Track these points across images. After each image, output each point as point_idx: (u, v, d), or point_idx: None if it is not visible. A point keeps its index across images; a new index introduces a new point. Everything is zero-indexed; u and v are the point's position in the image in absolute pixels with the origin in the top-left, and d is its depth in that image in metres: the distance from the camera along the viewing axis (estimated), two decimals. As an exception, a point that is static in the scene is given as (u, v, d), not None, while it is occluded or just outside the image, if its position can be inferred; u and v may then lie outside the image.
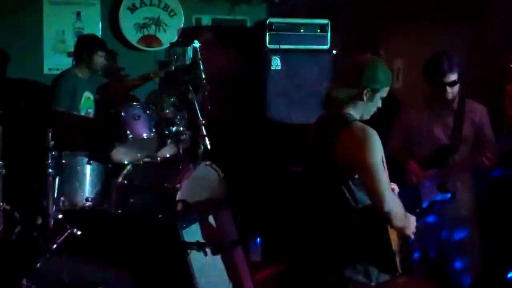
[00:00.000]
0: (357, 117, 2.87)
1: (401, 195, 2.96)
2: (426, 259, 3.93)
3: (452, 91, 3.74)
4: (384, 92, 2.90)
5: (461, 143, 3.81)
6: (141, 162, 4.51)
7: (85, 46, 5.04)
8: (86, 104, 5.03)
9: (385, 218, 2.75)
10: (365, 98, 2.85)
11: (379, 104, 2.92)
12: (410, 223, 2.89)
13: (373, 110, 2.92)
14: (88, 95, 5.06)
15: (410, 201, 3.70)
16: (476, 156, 3.77)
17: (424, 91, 3.95)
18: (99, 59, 5.04)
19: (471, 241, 3.90)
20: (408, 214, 2.90)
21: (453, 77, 3.71)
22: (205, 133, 4.48)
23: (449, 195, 3.76)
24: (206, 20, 6.40)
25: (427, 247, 3.90)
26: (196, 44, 4.79)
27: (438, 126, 3.86)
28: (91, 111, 5.08)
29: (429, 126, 3.87)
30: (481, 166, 3.76)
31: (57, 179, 3.90)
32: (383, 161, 2.77)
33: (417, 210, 3.61)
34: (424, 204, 3.75)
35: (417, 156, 3.88)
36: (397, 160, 3.82)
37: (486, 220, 4.05)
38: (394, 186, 3.04)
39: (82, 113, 4.94)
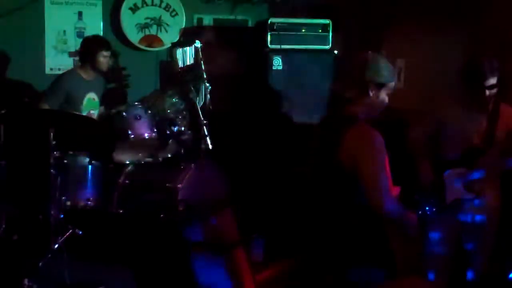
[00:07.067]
0: (364, 116, 2.87)
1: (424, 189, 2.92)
2: (443, 259, 3.90)
3: (490, 95, 3.72)
4: (389, 88, 2.90)
5: (493, 145, 3.78)
6: (143, 162, 4.51)
7: (90, 46, 5.03)
8: (89, 105, 5.01)
9: (385, 219, 2.76)
10: (371, 94, 2.85)
11: (386, 101, 2.92)
12: (410, 223, 2.89)
13: (380, 107, 2.92)
14: (92, 96, 5.04)
15: (432, 196, 3.67)
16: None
17: (426, 90, 3.94)
18: (104, 59, 5.02)
19: (488, 243, 3.88)
20: (409, 214, 2.91)
21: (493, 80, 3.68)
22: (206, 133, 4.48)
23: (474, 196, 3.73)
24: (207, 20, 6.40)
25: (445, 247, 3.87)
26: (198, 44, 4.79)
27: (471, 126, 3.82)
28: (94, 112, 5.05)
29: (462, 125, 3.83)
30: None
31: (58, 179, 3.90)
32: (385, 163, 2.78)
33: (442, 205, 3.58)
34: (448, 201, 3.73)
35: (446, 153, 3.83)
36: (414, 153, 3.80)
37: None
38: (397, 188, 3.01)
39: (84, 114, 4.92)
